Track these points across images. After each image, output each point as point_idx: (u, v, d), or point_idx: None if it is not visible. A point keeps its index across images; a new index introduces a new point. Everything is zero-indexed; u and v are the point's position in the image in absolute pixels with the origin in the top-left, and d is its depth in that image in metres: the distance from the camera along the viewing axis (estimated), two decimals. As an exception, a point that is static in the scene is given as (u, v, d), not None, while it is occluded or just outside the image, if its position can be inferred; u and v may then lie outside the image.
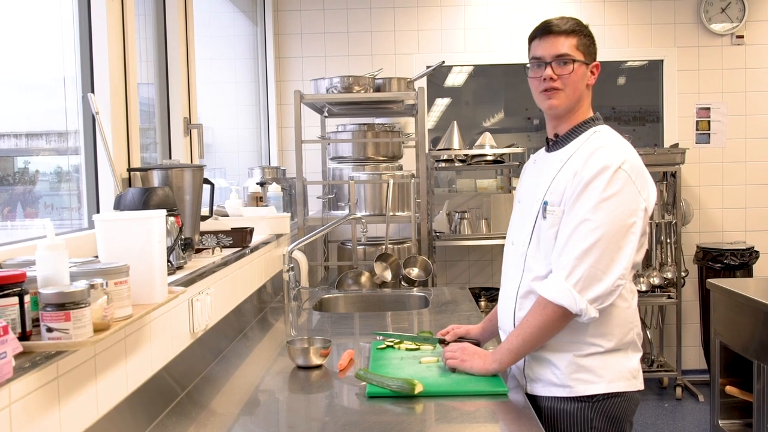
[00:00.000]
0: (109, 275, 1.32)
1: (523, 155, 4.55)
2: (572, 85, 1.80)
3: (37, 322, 1.18)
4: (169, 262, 1.78)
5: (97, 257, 1.53)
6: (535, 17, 4.80)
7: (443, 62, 4.53)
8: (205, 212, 2.38)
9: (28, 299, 1.16)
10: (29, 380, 1.16)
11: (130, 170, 2.15)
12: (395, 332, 2.40)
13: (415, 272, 3.61)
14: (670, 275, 4.72)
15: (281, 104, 4.94)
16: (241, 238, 2.53)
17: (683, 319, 4.86)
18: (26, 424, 1.15)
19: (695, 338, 5.04)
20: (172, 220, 1.83)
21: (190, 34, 2.82)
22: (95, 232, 1.50)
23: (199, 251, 2.32)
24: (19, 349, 1.09)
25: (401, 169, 4.16)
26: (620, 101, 5.45)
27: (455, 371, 1.86)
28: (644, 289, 4.67)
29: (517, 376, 1.90)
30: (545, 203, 1.79)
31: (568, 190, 1.75)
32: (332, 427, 1.58)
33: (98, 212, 2.11)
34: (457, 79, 5.44)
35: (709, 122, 5.02)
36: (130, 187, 2.10)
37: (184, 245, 1.98)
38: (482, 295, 4.58)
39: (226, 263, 2.29)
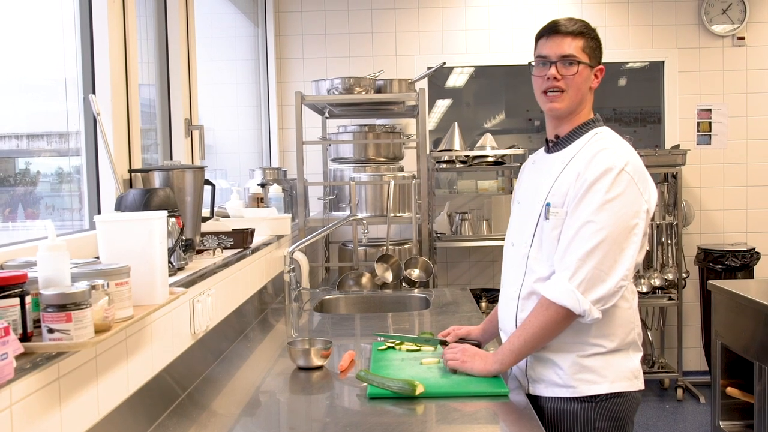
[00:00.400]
0: (110, 276, 1.32)
1: (524, 156, 4.53)
2: (575, 86, 1.80)
3: (38, 323, 1.18)
4: (170, 263, 1.78)
5: (98, 258, 1.53)
6: (536, 18, 4.80)
7: (444, 63, 4.53)
8: (206, 213, 2.38)
9: (29, 300, 1.16)
10: (30, 381, 1.16)
11: (131, 171, 2.15)
12: (396, 333, 2.40)
13: (416, 273, 3.60)
14: (671, 276, 4.71)
15: (282, 105, 4.94)
16: (242, 239, 2.53)
17: (684, 320, 4.86)
18: (27, 425, 1.15)
19: (696, 339, 5.04)
20: (173, 221, 1.84)
21: (191, 35, 2.82)
22: (96, 233, 1.50)
23: (200, 252, 2.32)
24: (20, 350, 1.09)
25: (402, 170, 4.16)
26: (621, 102, 5.45)
27: (456, 372, 1.86)
28: (645, 290, 4.66)
29: (518, 376, 1.90)
30: (548, 204, 1.79)
31: (571, 191, 1.75)
32: (333, 428, 1.58)
33: (99, 213, 2.11)
34: (458, 80, 5.44)
35: (710, 123, 5.01)
36: (131, 188, 2.10)
37: (185, 246, 1.99)
38: (483, 296, 4.58)
39: (227, 264, 2.29)
